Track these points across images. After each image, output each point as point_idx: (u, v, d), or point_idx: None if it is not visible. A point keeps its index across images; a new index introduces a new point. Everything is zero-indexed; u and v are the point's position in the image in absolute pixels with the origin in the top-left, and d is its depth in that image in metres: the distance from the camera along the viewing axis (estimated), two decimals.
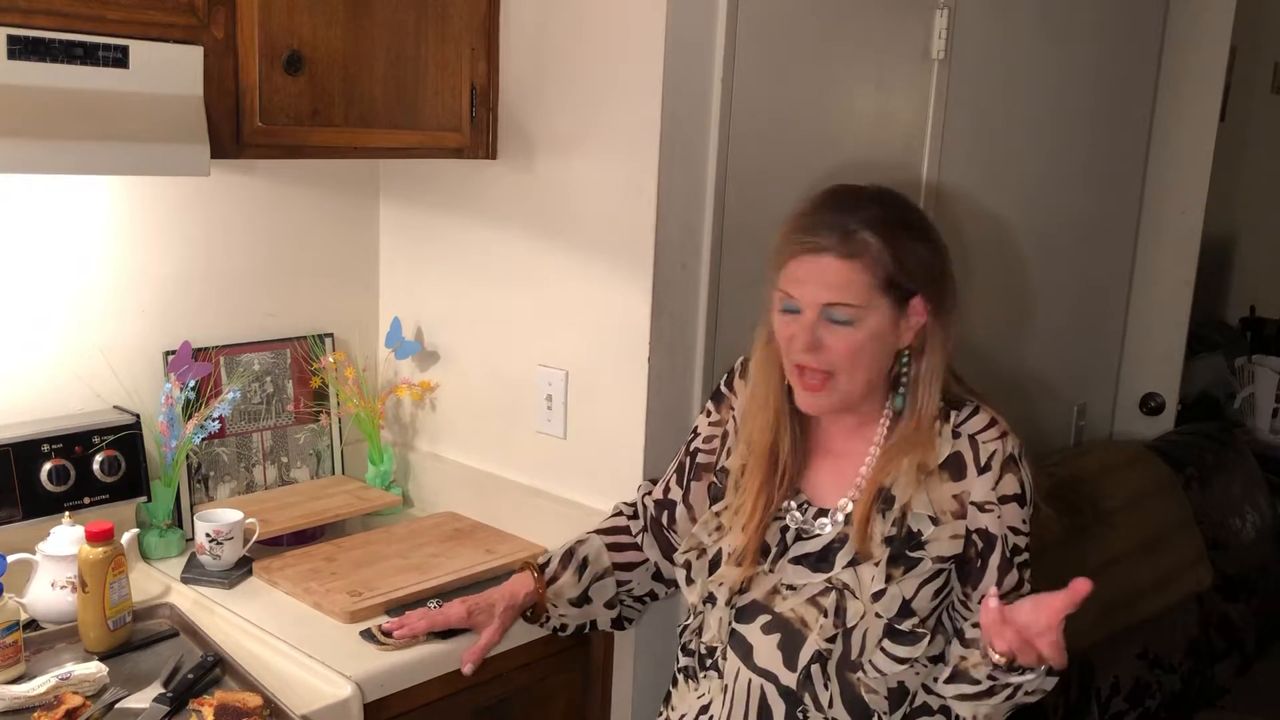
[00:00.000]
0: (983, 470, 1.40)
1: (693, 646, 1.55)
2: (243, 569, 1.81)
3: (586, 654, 1.84)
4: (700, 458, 1.62)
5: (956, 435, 1.42)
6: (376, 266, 2.26)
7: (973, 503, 1.41)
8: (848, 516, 1.44)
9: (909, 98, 2.20)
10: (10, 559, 1.58)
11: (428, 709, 1.61)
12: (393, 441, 2.25)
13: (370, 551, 1.90)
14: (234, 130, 1.61)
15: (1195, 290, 3.01)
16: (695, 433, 1.65)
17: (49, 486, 1.73)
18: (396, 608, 1.71)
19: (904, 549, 1.40)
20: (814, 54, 1.99)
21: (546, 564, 1.64)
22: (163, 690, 1.44)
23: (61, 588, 1.63)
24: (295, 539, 1.95)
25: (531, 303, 1.97)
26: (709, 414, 1.63)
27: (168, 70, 1.52)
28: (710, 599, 1.50)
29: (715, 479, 1.58)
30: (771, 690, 1.44)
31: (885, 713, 1.42)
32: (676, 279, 1.82)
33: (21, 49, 1.38)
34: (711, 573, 1.50)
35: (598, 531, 1.69)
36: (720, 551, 1.50)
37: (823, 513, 1.47)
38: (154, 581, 1.79)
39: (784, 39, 1.92)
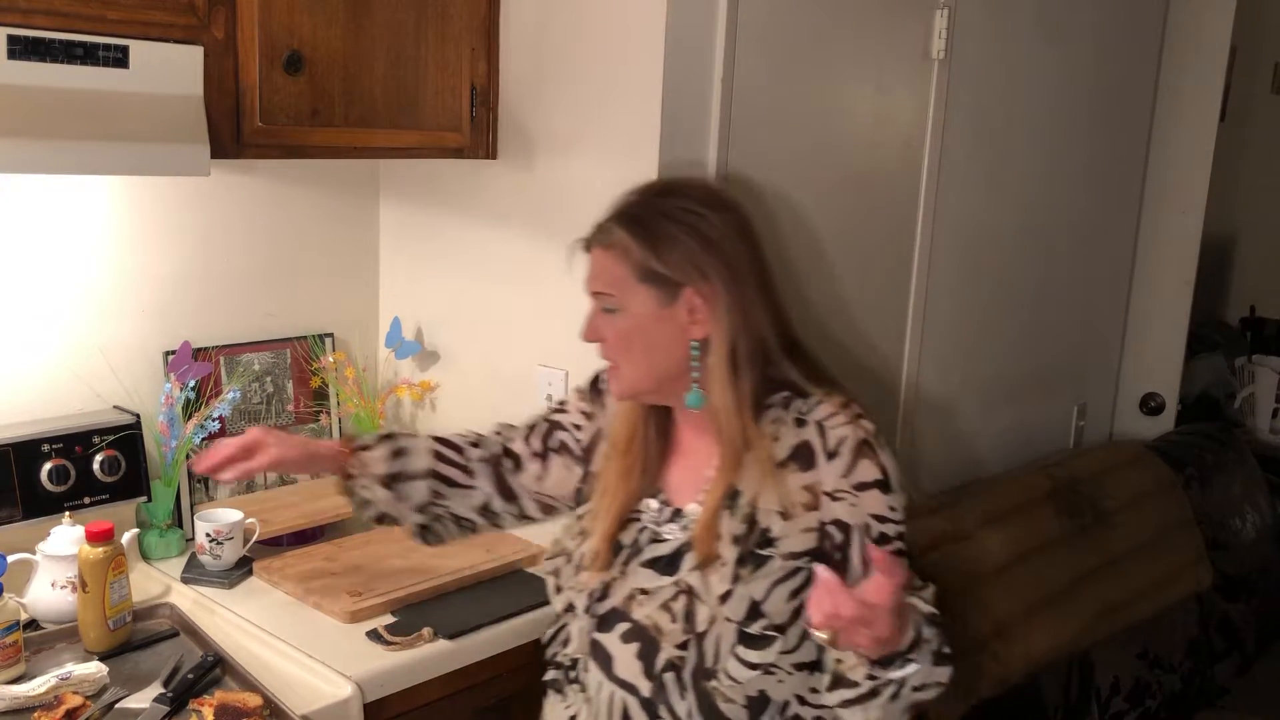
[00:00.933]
0: (832, 457, 1.35)
1: (559, 659, 1.49)
2: (243, 569, 1.82)
3: None
4: (562, 435, 1.59)
5: (802, 423, 1.37)
6: (376, 266, 2.26)
7: (825, 493, 1.35)
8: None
9: (909, 98, 2.20)
10: (10, 559, 1.58)
11: (428, 709, 1.61)
12: None
13: (370, 551, 1.90)
14: (234, 130, 1.61)
15: (1195, 290, 3.01)
16: (564, 405, 1.61)
17: (49, 486, 1.74)
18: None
19: (753, 548, 1.35)
20: (814, 54, 1.99)
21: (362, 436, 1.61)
22: (163, 690, 1.44)
23: (61, 588, 1.63)
24: (295, 539, 1.95)
25: (531, 303, 1.97)
26: (583, 397, 1.60)
27: (168, 70, 1.52)
28: (571, 607, 1.46)
29: (582, 485, 1.55)
30: (633, 703, 1.38)
31: None
32: None
33: (21, 49, 1.38)
34: (575, 579, 1.46)
35: (433, 437, 1.63)
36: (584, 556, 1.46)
37: (679, 514, 1.43)
38: (154, 581, 1.79)
39: (784, 39, 1.92)
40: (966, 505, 2.27)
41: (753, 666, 1.34)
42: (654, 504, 1.45)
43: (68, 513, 1.70)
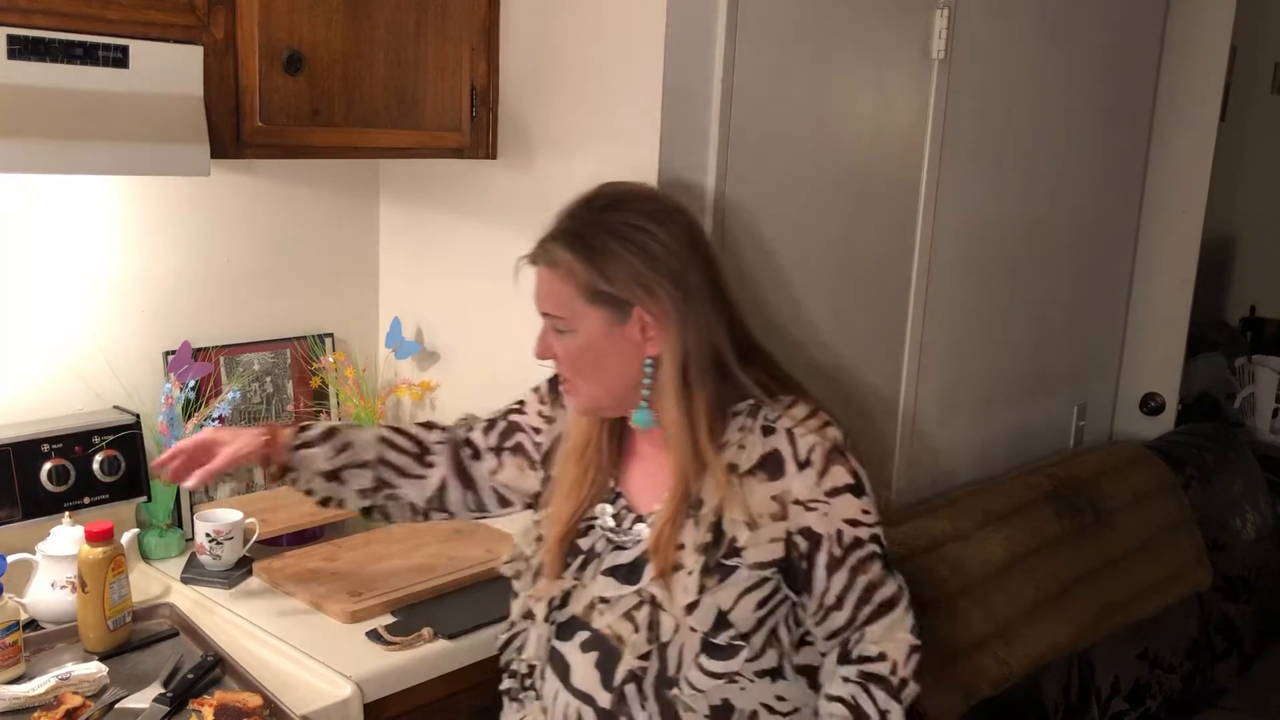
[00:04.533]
0: (804, 465, 1.34)
1: (515, 666, 1.47)
2: (243, 569, 1.81)
3: None
4: (520, 436, 1.58)
5: (770, 431, 1.36)
6: (376, 266, 2.26)
7: (796, 502, 1.34)
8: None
9: (909, 98, 2.20)
10: (10, 559, 1.58)
11: (428, 709, 1.61)
12: None
13: (370, 551, 1.90)
14: (234, 130, 1.61)
15: (1195, 290, 3.01)
16: (522, 406, 1.60)
17: (49, 486, 1.73)
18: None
19: (719, 557, 1.33)
20: (814, 54, 1.99)
21: (308, 428, 1.59)
22: (163, 690, 1.44)
23: (61, 588, 1.63)
24: (295, 539, 1.95)
25: (531, 302, 1.97)
26: (542, 400, 1.58)
27: (168, 70, 1.52)
28: (530, 614, 1.44)
29: (541, 488, 1.53)
30: (589, 714, 1.36)
31: None
32: None
33: (21, 49, 1.38)
34: (533, 585, 1.45)
35: (384, 427, 1.64)
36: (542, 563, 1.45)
37: (639, 520, 1.41)
38: (154, 581, 1.79)
39: (784, 39, 1.92)
40: (966, 505, 2.27)
41: (716, 676, 1.33)
42: (609, 509, 1.43)
43: (67, 513, 1.70)
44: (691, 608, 1.32)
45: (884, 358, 2.29)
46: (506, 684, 1.50)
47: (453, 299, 2.13)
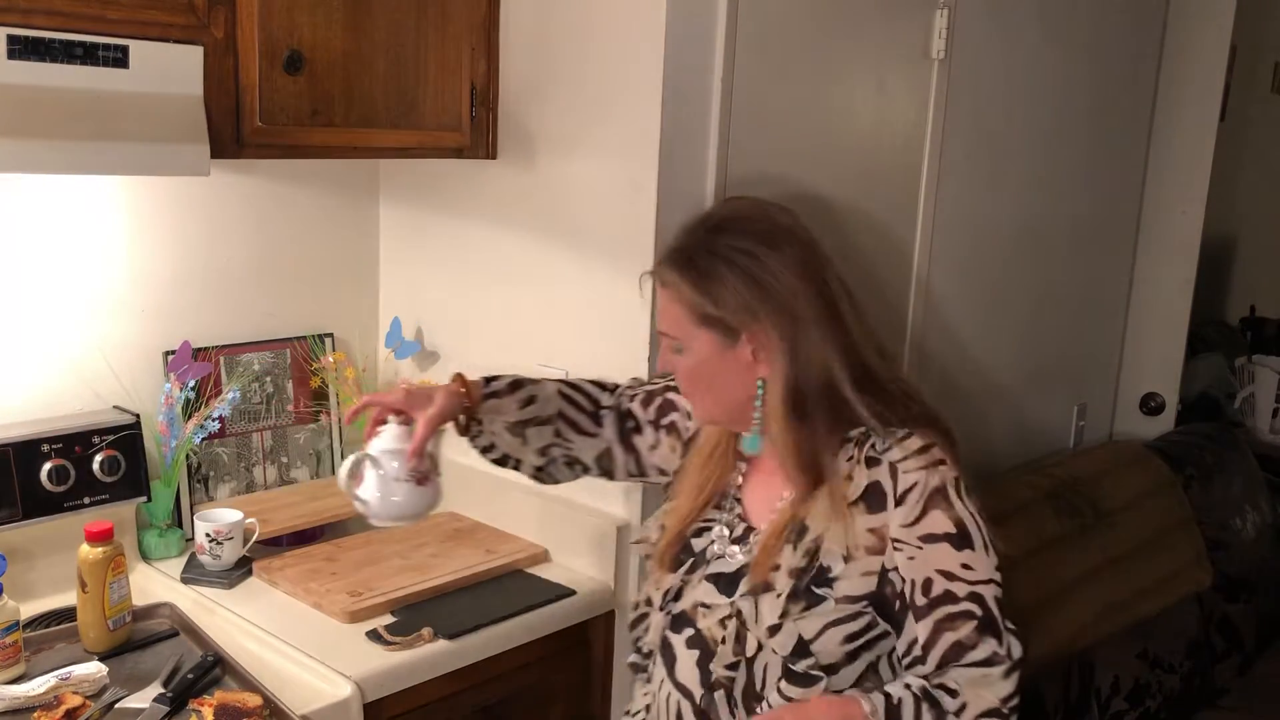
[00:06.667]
0: (899, 503, 1.30)
1: (640, 645, 1.50)
2: (243, 569, 1.82)
3: (586, 654, 1.84)
4: (675, 415, 1.58)
5: (875, 463, 1.32)
6: (376, 266, 2.26)
7: (893, 538, 1.31)
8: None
9: (909, 98, 2.20)
10: (347, 462, 1.48)
11: (428, 709, 1.62)
12: None
13: (370, 551, 1.90)
14: (234, 130, 1.61)
15: (1195, 290, 3.01)
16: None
17: (49, 486, 1.73)
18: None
19: (809, 585, 1.31)
20: (814, 54, 1.99)
21: (493, 379, 1.57)
22: (163, 690, 1.44)
23: (402, 480, 1.47)
24: (295, 539, 1.95)
25: (531, 303, 1.97)
26: None
27: (168, 70, 1.52)
28: (649, 600, 1.48)
29: (674, 478, 1.55)
30: (687, 707, 1.39)
31: None
32: None
33: (21, 49, 1.38)
34: (656, 573, 1.49)
35: (561, 381, 1.63)
36: None
37: (748, 533, 1.42)
38: (154, 581, 1.79)
39: (784, 39, 1.92)
40: None
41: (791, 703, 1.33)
42: (725, 517, 1.46)
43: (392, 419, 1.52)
44: (774, 630, 1.32)
45: None
46: (633, 658, 1.53)
47: (453, 299, 2.13)
